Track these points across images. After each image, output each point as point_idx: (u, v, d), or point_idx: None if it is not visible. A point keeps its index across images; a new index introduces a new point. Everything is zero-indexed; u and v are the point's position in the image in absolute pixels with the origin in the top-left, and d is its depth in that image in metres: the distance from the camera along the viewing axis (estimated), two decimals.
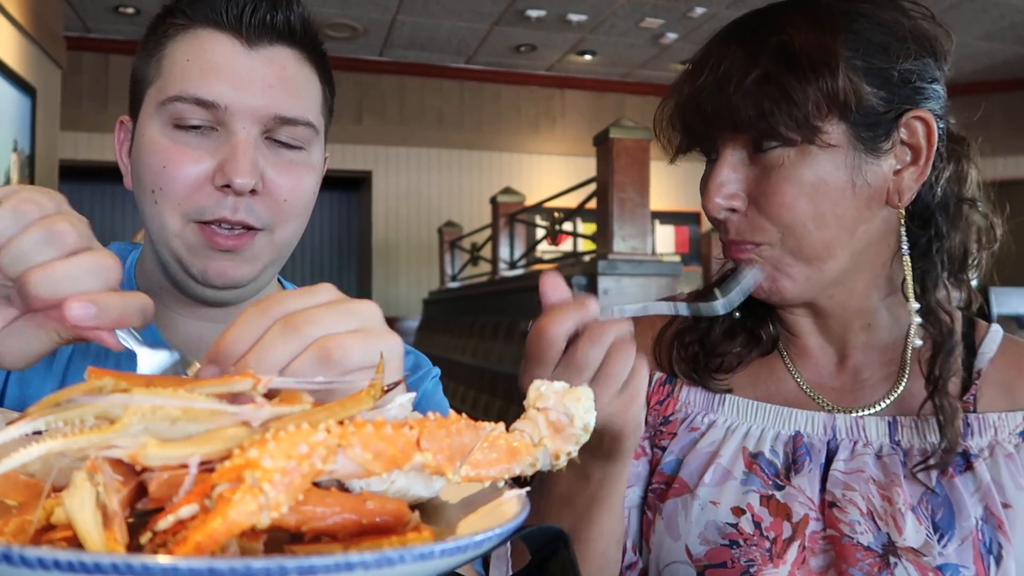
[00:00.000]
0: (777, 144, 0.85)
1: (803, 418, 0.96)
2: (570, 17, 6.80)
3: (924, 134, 0.88)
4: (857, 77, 0.84)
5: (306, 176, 0.91)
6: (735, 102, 0.85)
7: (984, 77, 8.66)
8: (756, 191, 0.88)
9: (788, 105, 0.83)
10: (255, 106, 0.86)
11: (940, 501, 0.88)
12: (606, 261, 3.01)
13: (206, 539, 0.34)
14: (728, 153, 0.89)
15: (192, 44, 0.87)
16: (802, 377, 1.00)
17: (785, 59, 0.84)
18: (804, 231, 0.86)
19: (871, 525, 0.88)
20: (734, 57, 0.87)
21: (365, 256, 8.45)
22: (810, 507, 0.91)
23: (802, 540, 0.90)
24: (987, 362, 0.95)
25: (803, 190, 0.85)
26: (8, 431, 0.38)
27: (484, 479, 0.46)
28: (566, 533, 0.65)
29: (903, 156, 0.89)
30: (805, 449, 0.94)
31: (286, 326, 0.53)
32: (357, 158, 8.05)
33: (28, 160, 4.60)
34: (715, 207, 0.90)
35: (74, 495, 0.36)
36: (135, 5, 6.57)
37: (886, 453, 0.92)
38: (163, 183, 0.86)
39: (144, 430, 0.39)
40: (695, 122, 0.91)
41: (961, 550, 0.85)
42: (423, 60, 8.04)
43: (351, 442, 0.39)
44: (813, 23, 0.86)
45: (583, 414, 0.51)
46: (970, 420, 0.91)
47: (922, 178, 0.89)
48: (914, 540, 0.86)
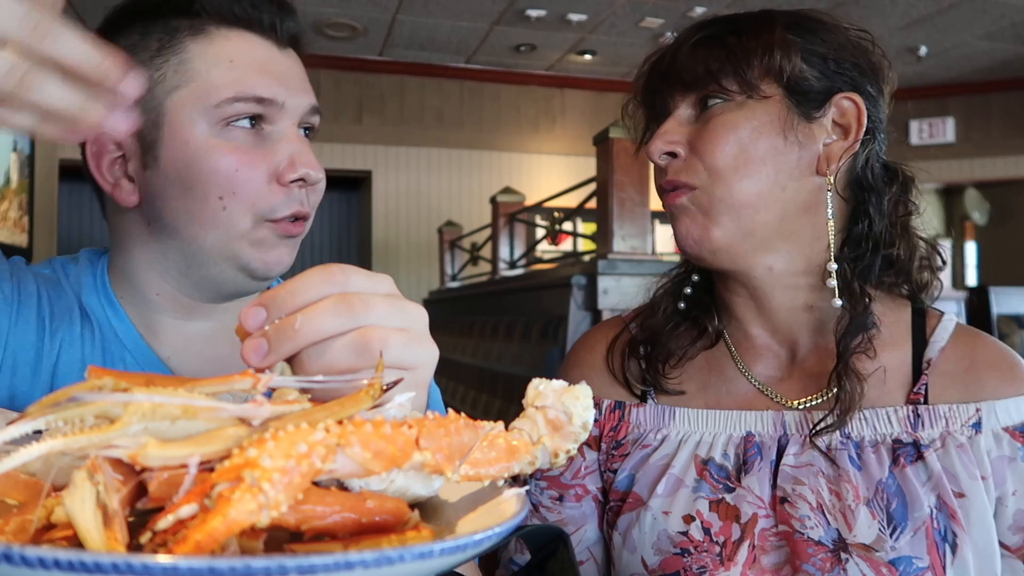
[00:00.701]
0: (720, 100, 0.94)
1: (753, 418, 0.97)
2: (570, 17, 6.80)
3: (854, 114, 0.95)
4: (794, 54, 0.93)
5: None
6: (685, 63, 0.95)
7: (984, 77, 8.66)
8: (695, 138, 0.95)
9: (731, 63, 0.92)
10: (299, 102, 0.91)
11: (893, 491, 0.88)
12: (606, 261, 3.01)
13: (206, 538, 0.34)
14: (677, 111, 0.97)
15: (226, 45, 0.88)
16: (752, 373, 1.01)
17: (730, 27, 0.95)
18: (733, 175, 0.92)
19: (821, 519, 0.89)
20: (688, 30, 0.98)
21: (365, 256, 8.45)
22: (759, 505, 0.92)
23: (751, 540, 0.91)
24: (937, 352, 0.96)
25: (738, 135, 0.92)
26: (9, 430, 0.38)
27: (483, 478, 0.46)
28: (566, 533, 0.65)
29: (835, 131, 0.95)
30: (756, 448, 0.95)
31: (341, 301, 0.54)
32: (357, 158, 8.05)
33: (28, 160, 4.60)
34: (656, 150, 0.97)
35: (74, 494, 0.36)
36: None
37: (836, 447, 0.92)
38: (236, 186, 0.86)
39: (144, 429, 0.39)
40: (653, 85, 1.00)
41: (914, 541, 0.86)
42: (423, 60, 8.04)
43: (350, 441, 0.39)
44: (765, 15, 0.97)
45: (582, 412, 0.51)
46: (920, 412, 0.92)
47: (850, 151, 0.95)
48: (865, 536, 0.87)
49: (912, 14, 6.88)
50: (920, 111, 9.24)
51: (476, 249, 6.33)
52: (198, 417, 0.41)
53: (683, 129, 0.96)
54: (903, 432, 0.92)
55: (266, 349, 0.52)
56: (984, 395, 0.93)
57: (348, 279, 0.55)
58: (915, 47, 7.70)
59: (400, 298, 0.58)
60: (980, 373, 0.94)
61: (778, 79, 0.93)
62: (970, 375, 0.94)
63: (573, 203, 4.21)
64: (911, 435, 0.91)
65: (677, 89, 0.97)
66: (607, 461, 1.03)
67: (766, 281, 0.98)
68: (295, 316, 0.53)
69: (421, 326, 0.58)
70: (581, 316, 3.04)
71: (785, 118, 0.93)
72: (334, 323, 0.53)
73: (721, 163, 0.92)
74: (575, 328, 3.04)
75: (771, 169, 0.93)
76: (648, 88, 1.02)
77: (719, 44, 0.94)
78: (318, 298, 0.54)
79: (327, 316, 0.53)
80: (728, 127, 0.93)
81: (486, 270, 6.10)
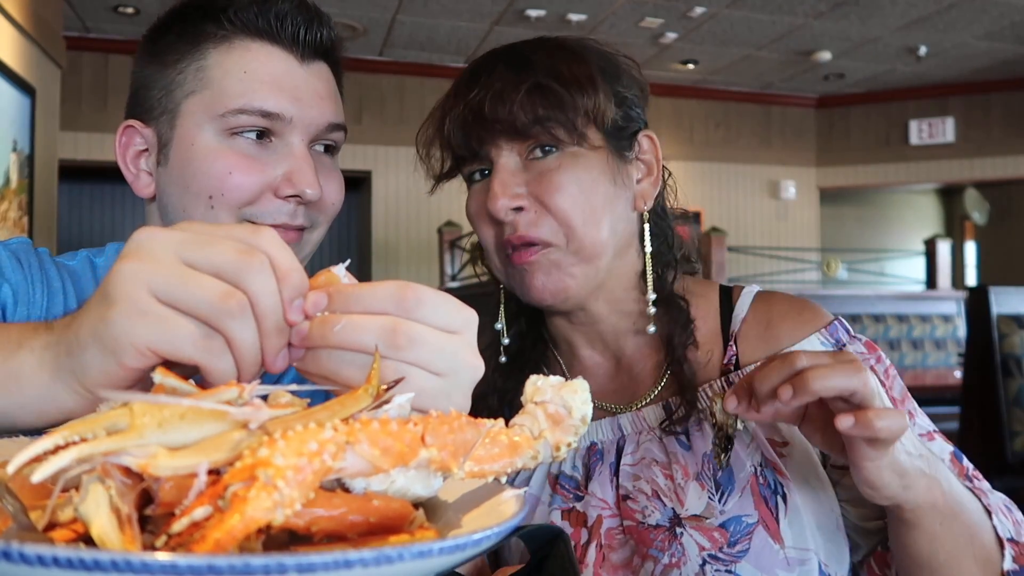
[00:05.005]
0: (551, 148, 0.95)
1: (593, 428, 1.03)
2: (570, 17, 6.80)
3: (652, 151, 1.03)
4: (608, 96, 0.97)
5: (340, 179, 0.99)
6: (513, 110, 0.93)
7: (984, 77, 8.67)
8: (539, 191, 0.95)
9: (561, 112, 0.94)
10: (312, 117, 0.91)
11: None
12: None
13: (225, 536, 0.34)
14: (503, 161, 0.96)
15: (245, 56, 0.89)
16: None
17: (554, 75, 0.95)
18: (584, 227, 0.95)
19: (658, 504, 0.95)
20: (505, 74, 0.96)
21: (365, 256, 8.45)
22: (604, 507, 0.98)
23: (598, 540, 0.97)
24: (740, 322, 1.03)
25: (580, 186, 0.95)
26: (35, 446, 0.38)
27: (487, 474, 0.46)
28: (565, 533, 0.65)
29: (641, 168, 1.03)
30: (599, 455, 1.02)
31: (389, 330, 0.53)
32: (357, 158, 8.05)
33: (28, 160, 4.60)
34: (502, 207, 0.95)
35: (88, 498, 0.37)
36: (134, 5, 6.57)
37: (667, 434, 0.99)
38: (226, 189, 0.88)
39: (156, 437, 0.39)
40: (471, 132, 0.97)
41: (742, 501, 0.92)
42: (423, 60, 8.04)
43: (359, 438, 0.40)
44: (568, 51, 0.99)
45: (580, 405, 0.51)
46: (731, 379, 0.99)
47: (657, 185, 1.03)
48: (696, 507, 0.93)
49: (912, 14, 6.88)
50: (920, 111, 9.25)
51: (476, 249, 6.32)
52: (201, 419, 0.41)
53: (518, 180, 0.96)
54: None
55: (304, 333, 0.53)
56: (782, 344, 0.99)
57: (417, 307, 0.53)
58: (915, 47, 7.70)
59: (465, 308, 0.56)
60: (775, 326, 1.01)
61: (600, 126, 0.97)
62: (768, 331, 1.01)
63: None
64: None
65: (502, 137, 0.95)
66: None
67: (597, 312, 1.03)
68: (340, 318, 0.53)
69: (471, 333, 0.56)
70: None
71: (611, 164, 0.98)
72: (370, 345, 0.52)
73: (572, 216, 0.94)
74: None
75: (609, 216, 0.97)
76: (464, 131, 0.97)
77: (546, 91, 0.94)
78: (377, 312, 0.53)
79: (367, 335, 0.52)
80: (571, 179, 0.95)
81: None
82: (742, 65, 8.39)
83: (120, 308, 0.49)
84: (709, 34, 7.35)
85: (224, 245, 0.50)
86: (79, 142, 7.09)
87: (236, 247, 0.50)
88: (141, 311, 0.49)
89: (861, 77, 8.80)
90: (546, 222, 0.95)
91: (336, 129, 0.95)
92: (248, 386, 0.45)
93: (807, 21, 7.10)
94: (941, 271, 7.79)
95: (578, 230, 0.95)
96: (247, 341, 0.50)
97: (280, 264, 0.51)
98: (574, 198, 0.94)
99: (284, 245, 0.52)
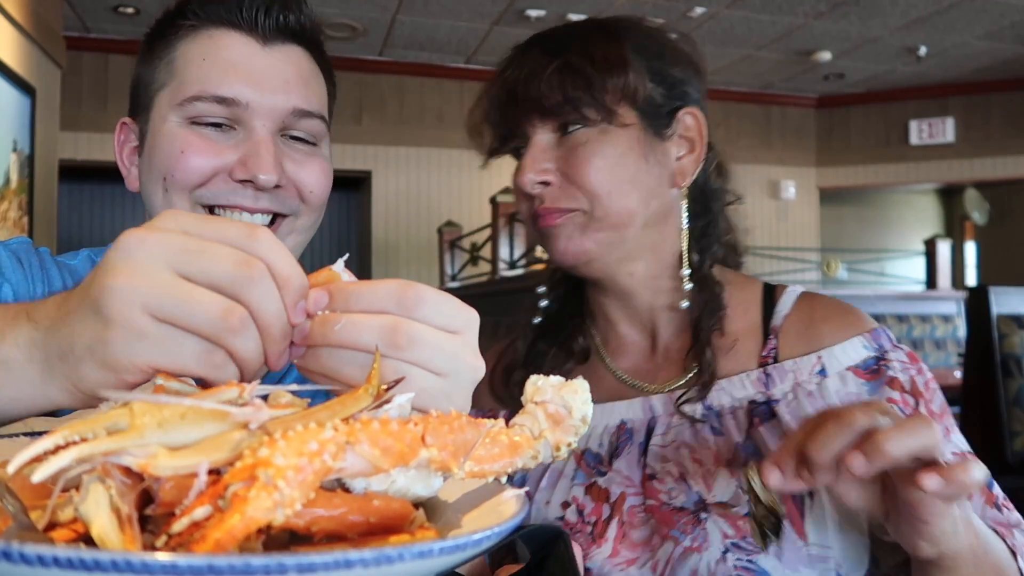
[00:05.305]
0: (581, 126, 0.98)
1: (623, 407, 1.05)
2: (570, 17, 6.80)
3: (696, 128, 1.04)
4: (642, 74, 0.99)
5: (325, 166, 0.95)
6: (543, 90, 0.98)
7: (984, 77, 8.66)
8: (566, 166, 0.99)
9: (589, 92, 0.97)
10: (274, 103, 0.88)
11: (750, 451, 0.95)
12: None
13: (225, 536, 0.34)
14: (537, 138, 1.01)
15: (206, 43, 0.88)
16: (620, 369, 1.09)
17: (585, 56, 0.98)
18: (609, 198, 0.98)
19: (685, 487, 0.95)
20: (538, 55, 1.00)
21: (365, 256, 8.45)
22: (628, 485, 0.99)
23: (620, 516, 0.97)
24: (781, 318, 1.04)
25: (607, 161, 0.98)
26: (35, 446, 0.38)
27: (488, 474, 0.46)
28: (565, 533, 0.65)
29: (683, 145, 1.04)
30: (628, 434, 1.02)
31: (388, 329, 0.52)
32: (357, 158, 8.05)
33: (28, 160, 4.60)
34: (528, 181, 1.00)
35: (88, 498, 0.36)
36: (135, 5, 6.57)
37: (699, 419, 0.99)
38: (176, 169, 0.87)
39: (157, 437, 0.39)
40: (508, 112, 1.03)
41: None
42: (423, 60, 8.04)
43: (359, 438, 0.40)
44: (605, 32, 1.02)
45: (580, 405, 0.51)
46: (770, 371, 1.00)
47: (699, 163, 1.04)
48: (723, 495, 0.93)
49: (912, 14, 6.88)
50: (920, 111, 9.24)
51: (476, 249, 6.33)
52: (201, 419, 0.41)
53: (548, 155, 1.00)
54: (757, 393, 0.99)
55: (306, 331, 0.53)
56: (823, 344, 1.00)
57: (418, 306, 0.53)
58: (915, 47, 7.70)
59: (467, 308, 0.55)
60: (818, 326, 1.02)
61: (632, 103, 0.99)
62: (811, 330, 1.02)
63: None
64: (764, 394, 0.98)
65: (535, 115, 1.00)
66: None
67: (629, 285, 1.06)
68: (341, 317, 0.52)
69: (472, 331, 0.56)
70: None
71: (644, 141, 1.00)
72: (370, 344, 0.52)
73: (597, 187, 0.98)
74: None
75: (638, 189, 1.00)
76: (502, 111, 1.03)
77: (575, 71, 0.97)
78: (376, 310, 0.52)
79: (367, 334, 0.52)
80: (597, 155, 0.98)
81: (486, 270, 6.10)
82: (742, 65, 8.39)
83: (117, 331, 0.47)
84: (709, 34, 7.35)
85: (220, 255, 0.48)
86: (79, 142, 7.09)
87: (233, 258, 0.49)
88: (140, 333, 0.47)
89: (861, 77, 8.80)
90: (571, 194, 0.99)
91: (306, 116, 0.91)
92: (248, 386, 0.45)
93: (807, 21, 7.10)
94: (941, 271, 7.79)
95: (603, 199, 0.98)
96: (251, 352, 0.50)
97: (280, 270, 0.50)
98: (600, 172, 0.97)
99: (281, 247, 0.51)
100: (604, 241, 1.00)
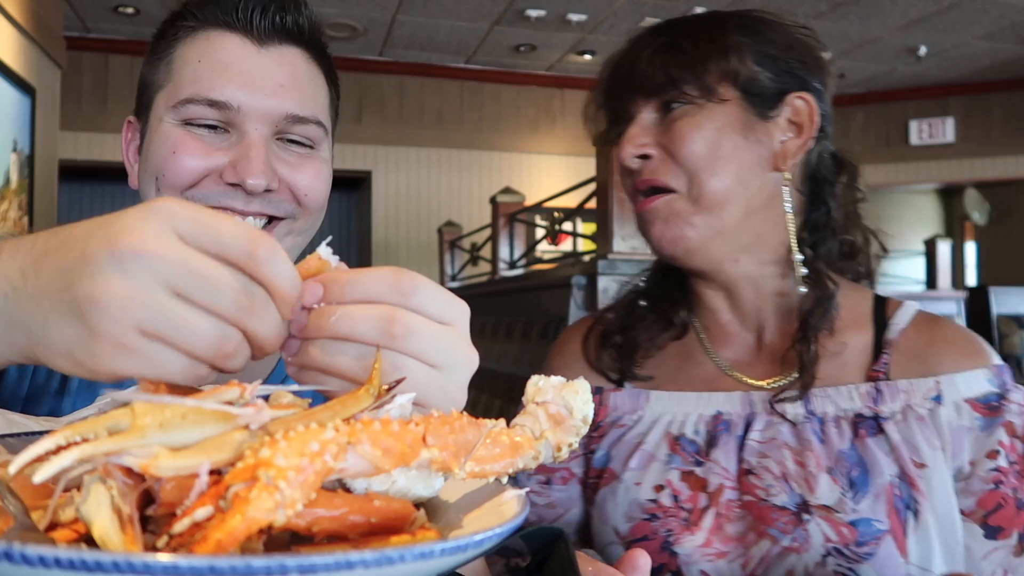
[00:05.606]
0: (681, 103, 1.00)
1: (721, 398, 1.03)
2: (570, 17, 6.79)
3: (807, 113, 1.02)
4: (748, 58, 1.00)
5: (322, 169, 0.93)
6: (645, 70, 1.01)
7: (984, 77, 8.66)
8: (665, 139, 1.01)
9: (689, 71, 0.98)
10: (267, 106, 0.87)
11: (854, 461, 0.93)
12: (606, 261, 3.01)
13: (226, 537, 0.34)
14: (641, 115, 1.03)
15: (202, 45, 0.88)
16: (721, 358, 1.08)
17: (688, 36, 1.01)
18: (706, 174, 0.98)
19: (785, 487, 0.94)
20: (643, 40, 1.04)
21: (365, 256, 8.44)
22: (726, 477, 0.97)
23: (717, 508, 0.96)
24: (898, 333, 1.01)
25: (704, 134, 0.99)
26: (36, 447, 0.38)
27: (488, 474, 0.46)
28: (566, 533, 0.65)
29: (789, 129, 1.02)
30: (724, 425, 1.01)
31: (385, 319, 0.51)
32: (357, 158, 8.04)
33: (28, 160, 4.60)
34: (627, 154, 1.03)
35: (89, 499, 0.36)
36: (135, 5, 6.57)
37: (801, 421, 0.98)
38: (167, 169, 0.86)
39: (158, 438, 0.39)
40: (614, 94, 1.06)
41: (875, 505, 0.90)
42: (423, 60, 8.04)
43: (360, 439, 0.40)
44: (715, 19, 1.04)
45: (582, 405, 0.51)
46: (881, 387, 0.97)
47: (804, 148, 1.03)
48: (827, 498, 0.91)
49: (912, 14, 6.88)
50: (920, 111, 9.23)
51: (476, 249, 6.32)
52: (203, 420, 0.41)
53: (649, 132, 1.02)
54: (864, 407, 0.96)
55: (303, 322, 0.52)
56: (943, 369, 0.96)
57: (413, 295, 0.52)
58: (915, 47, 7.70)
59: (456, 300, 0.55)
60: (939, 349, 0.98)
61: (734, 82, 0.99)
62: (930, 351, 0.99)
63: (573, 203, 4.20)
64: (872, 409, 0.96)
65: (639, 94, 1.03)
66: (587, 443, 1.09)
67: (734, 275, 1.04)
68: (336, 309, 0.52)
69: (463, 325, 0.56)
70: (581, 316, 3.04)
71: (743, 119, 1.00)
72: (366, 335, 0.51)
73: (693, 159, 0.98)
74: None
75: (735, 166, 0.99)
76: (609, 93, 1.07)
77: (677, 51, 1.00)
78: (373, 299, 0.52)
79: (362, 326, 0.51)
80: (694, 126, 0.99)
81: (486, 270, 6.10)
82: None
83: (104, 344, 0.46)
84: None
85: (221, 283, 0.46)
86: (79, 142, 7.08)
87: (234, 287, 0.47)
88: (128, 349, 0.46)
89: (861, 77, 8.79)
90: (669, 167, 1.00)
91: (300, 122, 0.89)
92: (250, 386, 0.45)
93: (807, 21, 7.09)
94: (941, 271, 7.77)
95: (699, 174, 0.98)
96: (239, 367, 0.49)
97: (279, 289, 0.48)
98: (696, 143, 0.98)
99: (281, 257, 0.48)
100: (701, 225, 0.99)
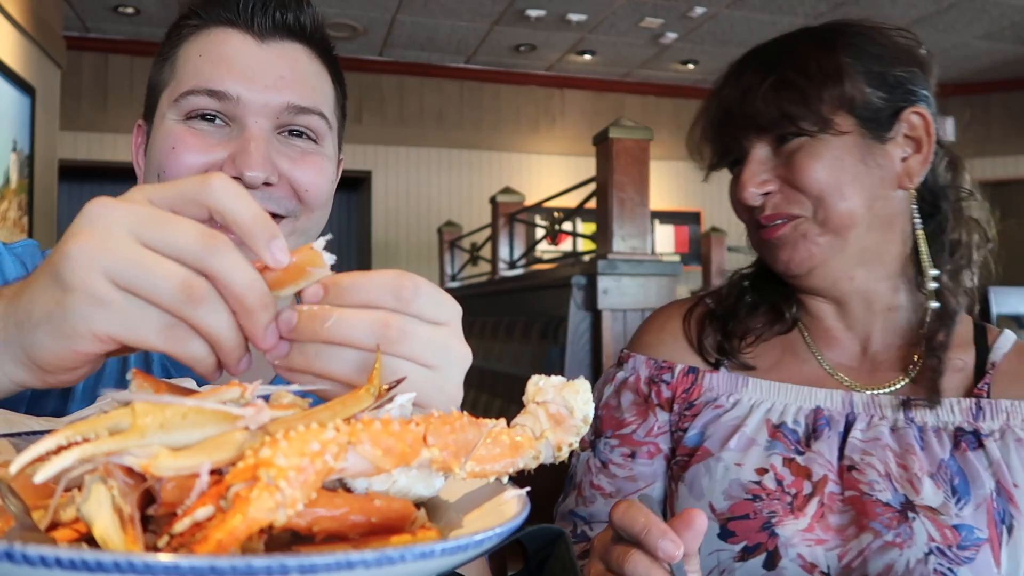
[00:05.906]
0: (797, 135, 1.00)
1: (823, 395, 1.04)
2: (570, 17, 6.79)
3: (923, 127, 1.02)
4: (859, 80, 0.99)
5: (324, 164, 0.92)
6: (758, 107, 1.00)
7: (984, 77, 8.66)
8: (785, 173, 1.01)
9: (804, 106, 0.98)
10: (267, 98, 0.87)
11: (955, 470, 0.95)
12: (606, 261, 3.01)
13: (227, 537, 0.34)
14: (755, 151, 1.03)
15: (204, 42, 0.89)
16: (824, 358, 1.09)
17: (798, 68, 0.99)
18: (831, 199, 0.99)
19: (889, 485, 0.95)
20: (752, 71, 1.03)
21: (364, 256, 8.44)
22: (829, 469, 0.98)
23: (821, 497, 0.96)
24: (1001, 356, 1.05)
25: (825, 163, 0.98)
26: (37, 447, 0.38)
27: (489, 474, 0.46)
28: (566, 533, 0.65)
29: (908, 145, 1.02)
30: (825, 420, 1.02)
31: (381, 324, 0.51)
32: (357, 158, 8.04)
33: (27, 160, 4.60)
34: (751, 195, 1.02)
35: (90, 499, 0.36)
36: (135, 5, 6.57)
37: (901, 427, 0.99)
38: (167, 166, 0.86)
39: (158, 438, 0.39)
40: (725, 130, 1.05)
41: (977, 514, 0.92)
42: (423, 60, 8.04)
43: (361, 439, 0.40)
44: (818, 41, 1.03)
45: (582, 405, 0.51)
46: (983, 404, 1.00)
47: (926, 163, 1.02)
48: (932, 500, 0.93)
49: (912, 14, 6.88)
50: None
51: (476, 249, 6.32)
52: (204, 420, 0.41)
53: (767, 167, 1.02)
54: (965, 422, 0.98)
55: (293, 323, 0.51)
56: None
57: (414, 300, 0.52)
58: None
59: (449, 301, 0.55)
60: None
61: (850, 110, 0.99)
62: None
63: (573, 203, 4.20)
64: (972, 425, 0.98)
65: (751, 132, 1.02)
66: (679, 421, 1.09)
67: (848, 291, 1.06)
68: (332, 313, 0.51)
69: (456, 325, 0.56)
70: (581, 316, 3.04)
71: (861, 145, 1.00)
72: (363, 340, 0.51)
73: (818, 186, 0.98)
74: (575, 328, 3.03)
75: (861, 189, 0.99)
76: (719, 129, 1.06)
77: (789, 86, 0.99)
78: (373, 303, 0.52)
79: (358, 331, 0.51)
80: (814, 157, 0.99)
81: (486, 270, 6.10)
82: None
83: (77, 297, 0.46)
84: (709, 34, 7.34)
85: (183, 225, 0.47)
86: (79, 142, 7.08)
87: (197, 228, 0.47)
88: (100, 300, 0.46)
89: None
90: (793, 198, 1.01)
91: (303, 113, 0.89)
92: (250, 386, 0.45)
93: (807, 21, 7.08)
94: None
95: (827, 199, 0.99)
96: (218, 326, 0.48)
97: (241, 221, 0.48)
98: (819, 172, 0.98)
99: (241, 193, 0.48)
100: (827, 245, 1.01)
